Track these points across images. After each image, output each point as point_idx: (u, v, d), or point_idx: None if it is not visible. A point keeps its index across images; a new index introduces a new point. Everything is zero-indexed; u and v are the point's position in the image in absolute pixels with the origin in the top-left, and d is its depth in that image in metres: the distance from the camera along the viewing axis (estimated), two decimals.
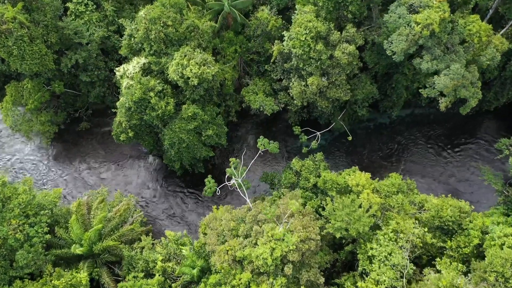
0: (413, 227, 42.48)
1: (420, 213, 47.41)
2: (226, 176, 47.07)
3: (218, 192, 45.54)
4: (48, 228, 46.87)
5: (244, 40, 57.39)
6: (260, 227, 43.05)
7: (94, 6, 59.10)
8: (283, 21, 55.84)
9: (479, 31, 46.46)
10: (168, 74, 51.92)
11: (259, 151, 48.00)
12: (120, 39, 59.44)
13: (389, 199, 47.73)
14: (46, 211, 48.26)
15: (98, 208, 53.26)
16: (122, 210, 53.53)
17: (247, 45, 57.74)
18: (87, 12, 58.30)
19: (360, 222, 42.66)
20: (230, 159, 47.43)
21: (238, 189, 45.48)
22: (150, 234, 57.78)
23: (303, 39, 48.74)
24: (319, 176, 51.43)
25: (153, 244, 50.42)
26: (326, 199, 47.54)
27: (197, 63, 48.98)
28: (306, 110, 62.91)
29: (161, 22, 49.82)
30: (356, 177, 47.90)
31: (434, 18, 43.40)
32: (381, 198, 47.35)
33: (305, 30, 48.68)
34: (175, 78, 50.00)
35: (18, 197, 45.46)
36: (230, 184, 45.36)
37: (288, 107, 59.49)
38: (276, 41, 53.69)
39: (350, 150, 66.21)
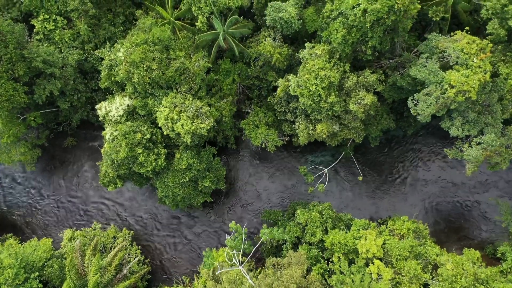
0: None
1: (433, 278, 44.80)
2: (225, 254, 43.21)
3: (219, 268, 42.29)
4: None
5: (243, 67, 49.22)
6: None
7: (65, 22, 49.68)
8: (290, 49, 47.14)
9: None
10: (156, 117, 45.33)
11: (261, 240, 43.65)
12: (101, 52, 51.00)
13: (400, 264, 44.85)
14: (36, 273, 45.68)
15: (92, 255, 50.54)
16: (117, 259, 50.80)
17: (247, 72, 49.71)
18: (57, 31, 49.16)
19: None
20: (230, 225, 43.39)
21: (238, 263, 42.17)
22: (148, 268, 56.11)
23: (313, 89, 41.29)
24: (326, 230, 47.79)
25: None
26: (334, 261, 44.84)
27: (189, 117, 42.22)
28: None
29: (145, 66, 41.86)
30: (367, 243, 44.36)
31: (473, 85, 35.88)
32: (392, 266, 44.54)
33: (316, 79, 40.98)
34: (165, 132, 43.60)
35: (3, 273, 42.44)
36: (231, 263, 41.90)
37: (292, 140, 53.37)
38: (280, 79, 45.81)
39: (357, 170, 61.29)
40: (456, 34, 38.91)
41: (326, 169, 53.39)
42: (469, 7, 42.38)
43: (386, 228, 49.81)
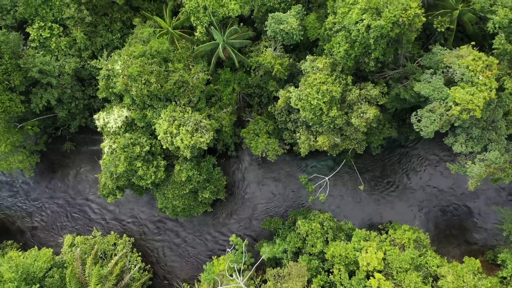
0: None
1: None
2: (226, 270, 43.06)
3: (219, 281, 42.25)
4: None
5: (243, 76, 48.27)
6: None
7: (61, 29, 48.49)
8: (291, 58, 46.14)
9: None
10: (155, 129, 44.75)
11: (262, 257, 43.43)
12: (98, 62, 49.95)
13: (400, 276, 44.85)
14: (37, 285, 45.73)
15: (93, 264, 50.59)
16: (118, 268, 50.84)
17: (247, 80, 48.78)
18: (53, 38, 48.02)
19: None
20: (230, 239, 43.22)
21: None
22: (150, 275, 56.21)
23: (315, 103, 40.52)
24: (326, 241, 47.67)
25: None
26: (334, 272, 44.90)
27: (188, 131, 41.58)
28: None
29: (143, 79, 40.99)
30: (368, 256, 44.29)
31: (478, 103, 35.12)
32: (392, 278, 44.55)
33: (317, 93, 40.19)
34: (164, 146, 43.03)
35: (4, 287, 42.43)
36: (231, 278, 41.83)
37: (293, 148, 52.76)
38: (281, 90, 44.98)
39: (356, 174, 60.67)
40: (461, 49, 37.91)
41: (327, 178, 52.93)
42: (476, 18, 41.29)
43: (388, 236, 49.64)
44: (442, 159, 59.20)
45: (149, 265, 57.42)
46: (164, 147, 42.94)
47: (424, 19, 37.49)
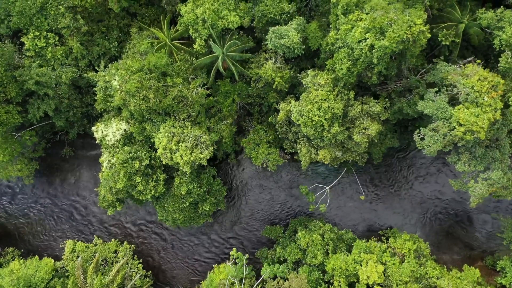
0: None
1: None
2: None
3: None
4: None
5: (243, 87, 47.39)
6: None
7: (57, 38, 47.35)
8: (292, 70, 45.17)
9: None
10: (154, 142, 44.22)
11: (262, 277, 43.40)
12: (95, 75, 49.03)
13: None
14: None
15: (94, 273, 50.83)
16: (119, 277, 51.07)
17: (247, 91, 47.92)
18: (49, 48, 46.92)
19: None
20: (231, 253, 43.20)
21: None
22: (151, 282, 56.60)
23: (316, 119, 39.84)
24: (327, 253, 47.70)
25: None
26: (335, 285, 45.04)
27: (187, 147, 41.04)
28: None
29: (141, 95, 40.22)
30: (368, 270, 44.39)
31: (483, 125, 34.47)
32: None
33: (319, 110, 39.46)
34: (164, 162, 42.57)
35: None
36: None
37: (294, 157, 52.31)
38: (282, 103, 44.21)
39: (355, 179, 60.29)
40: (467, 67, 36.98)
41: (327, 187, 52.62)
42: (482, 33, 40.18)
43: (388, 246, 49.54)
44: (443, 164, 58.92)
45: (150, 271, 57.67)
46: (163, 162, 42.48)
47: (429, 35, 36.51)
